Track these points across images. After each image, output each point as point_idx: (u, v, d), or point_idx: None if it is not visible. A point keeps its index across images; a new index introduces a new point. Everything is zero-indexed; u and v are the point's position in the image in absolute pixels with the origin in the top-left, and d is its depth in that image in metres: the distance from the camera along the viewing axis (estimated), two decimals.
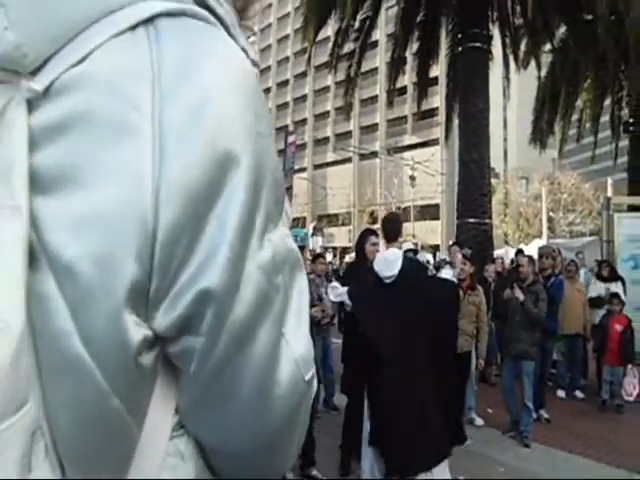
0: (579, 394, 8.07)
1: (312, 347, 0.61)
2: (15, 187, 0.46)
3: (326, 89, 60.87)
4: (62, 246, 0.46)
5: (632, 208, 10.78)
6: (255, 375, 0.54)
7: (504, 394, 6.36)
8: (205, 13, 0.56)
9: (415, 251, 5.54)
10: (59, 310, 0.46)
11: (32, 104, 0.48)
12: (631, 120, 15.01)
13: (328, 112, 63.03)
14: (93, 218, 0.47)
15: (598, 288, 8.44)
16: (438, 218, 52.08)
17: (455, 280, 5.50)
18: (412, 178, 42.42)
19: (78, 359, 0.47)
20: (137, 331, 0.49)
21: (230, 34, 0.59)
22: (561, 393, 8.03)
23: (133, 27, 0.50)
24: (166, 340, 0.52)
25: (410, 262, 4.44)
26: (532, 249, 14.55)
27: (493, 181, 13.84)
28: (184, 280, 0.49)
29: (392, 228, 4.65)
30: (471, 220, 10.73)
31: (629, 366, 7.38)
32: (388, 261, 4.17)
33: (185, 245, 0.49)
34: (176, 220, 0.48)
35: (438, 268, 9.88)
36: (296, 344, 0.57)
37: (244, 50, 0.59)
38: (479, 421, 6.58)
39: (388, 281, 4.11)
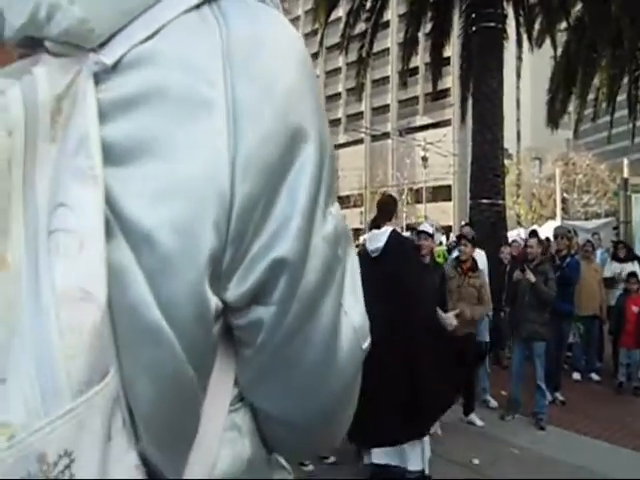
0: (595, 377, 8.06)
1: (367, 317, 0.63)
2: (93, 157, 0.46)
3: (337, 70, 60.44)
4: (139, 216, 0.47)
5: None
6: (320, 343, 0.56)
7: (512, 376, 6.37)
8: None
9: (430, 234, 5.46)
10: (136, 279, 0.47)
11: (99, 77, 0.48)
12: None
13: (339, 94, 62.60)
14: (171, 189, 0.47)
15: (614, 268, 8.40)
16: (450, 199, 51.86)
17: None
18: (424, 159, 42.17)
19: (157, 327, 0.47)
20: (213, 301, 0.50)
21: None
22: (577, 376, 8.02)
23: (198, 5, 0.51)
24: (234, 311, 0.53)
25: (399, 239, 4.53)
26: (545, 231, 14.45)
27: (506, 162, 13.73)
28: (257, 249, 0.51)
29: (386, 209, 4.73)
30: (484, 201, 10.63)
31: None
32: (375, 235, 4.43)
33: (259, 217, 0.50)
34: (251, 193, 0.49)
35: (450, 250, 9.86)
36: (353, 313, 0.60)
37: None
38: (493, 403, 6.59)
39: (374, 255, 4.31)
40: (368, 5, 12.81)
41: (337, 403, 0.62)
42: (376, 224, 4.76)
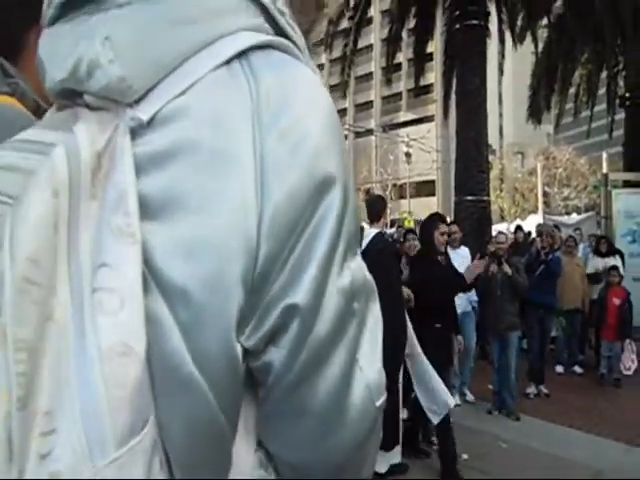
0: (578, 369, 8.20)
1: (384, 375, 0.63)
2: (131, 214, 0.48)
3: (320, 67, 60.08)
4: (174, 269, 0.48)
5: (628, 184, 10.83)
6: (329, 394, 0.55)
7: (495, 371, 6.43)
8: (287, 43, 0.58)
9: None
10: (172, 332, 0.48)
11: (135, 132, 0.50)
12: (627, 94, 14.98)
13: None
14: (204, 243, 0.49)
15: (596, 263, 8.52)
16: (434, 194, 52.09)
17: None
18: (407, 155, 42.35)
19: (191, 378, 0.49)
20: (239, 349, 0.51)
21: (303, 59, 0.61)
22: (560, 368, 8.15)
23: (228, 61, 0.53)
24: (250, 354, 0.53)
25: (379, 246, 4.53)
26: (528, 224, 14.62)
27: (489, 157, 13.83)
28: (273, 296, 0.51)
29: (374, 209, 4.77)
30: (469, 197, 10.72)
31: (627, 341, 7.48)
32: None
33: (279, 268, 0.51)
34: (275, 249, 0.51)
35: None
36: (369, 370, 0.59)
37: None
38: (470, 397, 6.66)
39: None
40: (352, 2, 12.84)
41: (345, 458, 0.60)
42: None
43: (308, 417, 0.56)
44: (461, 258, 6.66)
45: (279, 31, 0.59)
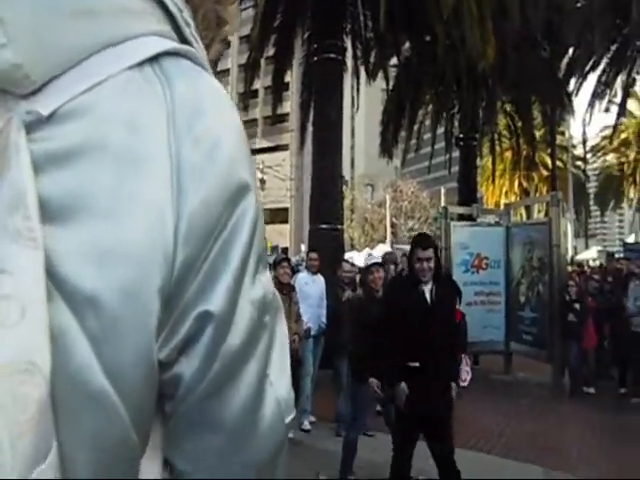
0: None
1: (292, 392, 0.61)
2: (32, 217, 0.43)
3: None
4: (82, 277, 0.44)
5: (462, 217, 11.80)
6: (240, 408, 0.54)
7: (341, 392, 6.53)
8: (195, 52, 0.56)
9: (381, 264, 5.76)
10: (80, 344, 0.44)
11: (31, 127, 0.45)
12: (461, 135, 16.48)
13: None
14: (115, 250, 0.45)
15: None
16: (287, 222, 52.93)
17: None
18: (262, 182, 42.72)
19: (102, 393, 0.45)
20: (156, 364, 0.49)
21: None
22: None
23: (139, 64, 0.50)
24: (161, 366, 0.50)
25: None
26: (377, 253, 15.38)
27: (342, 189, 14.38)
28: (186, 303, 0.49)
29: None
30: (324, 226, 11.05)
31: (462, 355, 8.10)
32: None
33: (194, 276, 0.49)
34: (191, 256, 0.49)
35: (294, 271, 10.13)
36: (279, 385, 0.58)
37: None
38: (311, 418, 6.84)
39: None
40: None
41: (255, 474, 0.57)
42: None
43: (219, 431, 0.54)
44: (318, 284, 6.87)
45: (183, 41, 0.57)
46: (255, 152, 52.92)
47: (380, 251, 16.11)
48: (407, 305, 4.30)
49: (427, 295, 4.19)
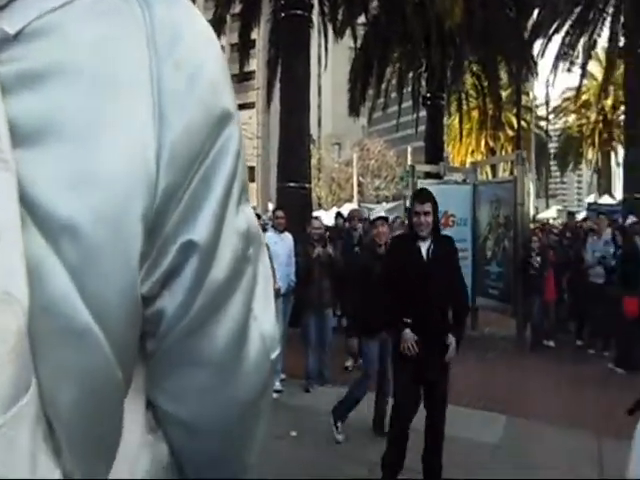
0: None
1: (277, 329, 0.60)
2: (1, 137, 0.39)
3: None
4: (57, 203, 0.41)
5: (428, 175, 11.90)
6: (225, 343, 0.52)
7: (310, 348, 6.67)
8: None
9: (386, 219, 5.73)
10: (57, 274, 0.41)
11: None
12: (428, 94, 16.49)
13: None
14: (94, 175, 0.42)
15: None
16: (254, 180, 52.55)
17: None
18: None
19: (84, 328, 0.42)
20: (139, 298, 0.46)
21: None
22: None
23: None
24: (143, 301, 0.48)
25: None
26: (345, 212, 15.47)
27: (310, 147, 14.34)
28: (169, 233, 0.47)
29: None
30: (291, 184, 11.06)
31: None
32: None
33: (176, 204, 0.47)
34: (174, 183, 0.47)
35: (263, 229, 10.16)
36: (264, 321, 0.57)
37: None
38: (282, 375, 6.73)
39: None
40: None
41: (240, 413, 0.56)
42: None
43: (203, 367, 0.52)
44: (286, 242, 6.91)
45: None
46: None
47: (347, 210, 16.25)
48: (404, 261, 4.30)
49: (424, 252, 4.15)
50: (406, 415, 4.17)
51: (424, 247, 4.17)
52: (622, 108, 20.08)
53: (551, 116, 37.78)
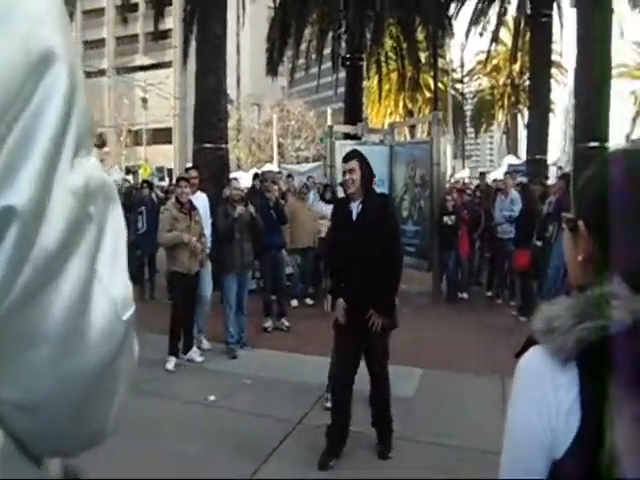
0: (309, 301, 9.16)
1: (130, 287, 0.56)
2: None
3: None
4: None
5: (347, 136, 11.99)
6: (65, 312, 0.47)
7: (229, 310, 6.64)
8: None
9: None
10: None
11: None
12: (347, 55, 16.49)
13: None
14: None
15: (320, 208, 9.45)
16: (171, 142, 51.14)
17: None
18: (144, 100, 40.76)
19: None
20: None
21: None
22: (294, 302, 8.99)
23: None
24: None
25: None
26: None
27: (228, 107, 14.10)
28: None
29: None
30: (208, 145, 10.87)
31: None
32: None
33: None
34: None
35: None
36: (112, 281, 0.52)
37: None
38: (206, 344, 6.78)
39: None
40: None
41: (88, 385, 0.51)
42: None
43: (37, 344, 0.47)
44: (200, 202, 6.82)
45: None
46: (136, 69, 50.03)
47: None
48: (336, 224, 4.30)
49: (354, 213, 4.04)
50: (346, 382, 4.10)
51: (355, 208, 4.06)
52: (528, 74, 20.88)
53: (466, 79, 38.79)
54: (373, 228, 3.97)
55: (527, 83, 22.27)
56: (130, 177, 22.07)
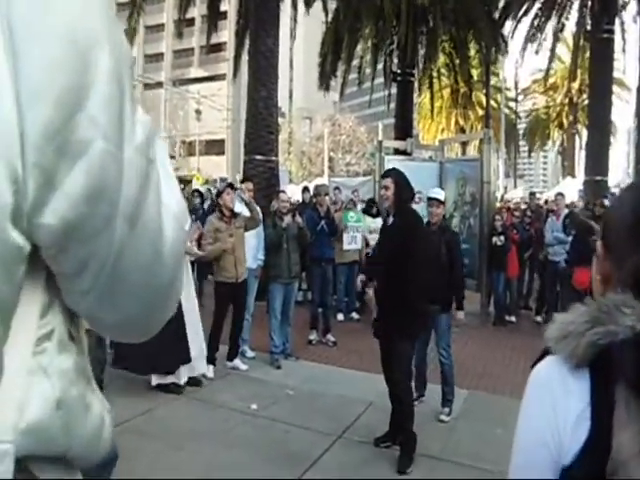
0: (355, 316, 9.07)
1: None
2: None
3: None
4: None
5: (397, 152, 11.97)
6: (150, 245, 0.57)
7: (274, 320, 6.64)
8: None
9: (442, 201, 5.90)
10: None
11: None
12: (398, 71, 16.48)
13: None
14: None
15: (367, 222, 9.41)
16: (223, 153, 51.99)
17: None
18: (198, 112, 41.62)
19: None
20: (17, 243, 0.47)
21: None
22: (340, 317, 8.96)
23: None
24: (58, 250, 0.50)
25: None
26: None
27: (279, 120, 14.27)
28: (64, 178, 0.47)
29: None
30: (258, 157, 11.00)
31: None
32: None
33: (60, 144, 0.46)
34: (47, 121, 0.45)
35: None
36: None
37: None
38: (250, 353, 6.79)
39: None
40: None
41: (166, 289, 0.63)
42: None
43: (137, 272, 0.57)
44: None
45: None
46: (191, 81, 51.22)
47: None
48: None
49: (388, 224, 4.54)
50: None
51: (390, 220, 4.50)
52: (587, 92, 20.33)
53: (520, 97, 38.21)
54: (394, 238, 4.37)
55: (586, 102, 21.71)
56: (182, 186, 22.54)
